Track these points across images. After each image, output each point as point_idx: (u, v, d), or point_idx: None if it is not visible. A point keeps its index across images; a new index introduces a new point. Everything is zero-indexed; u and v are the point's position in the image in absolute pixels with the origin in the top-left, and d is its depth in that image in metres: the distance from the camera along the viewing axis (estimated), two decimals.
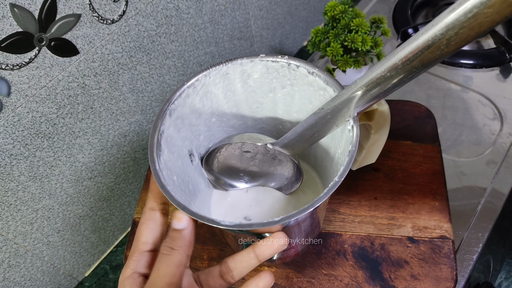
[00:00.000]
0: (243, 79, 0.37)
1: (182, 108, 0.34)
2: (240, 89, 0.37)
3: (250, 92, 0.38)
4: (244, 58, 0.35)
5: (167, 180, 0.30)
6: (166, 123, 0.33)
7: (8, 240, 0.45)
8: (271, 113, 0.40)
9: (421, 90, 0.66)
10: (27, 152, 0.42)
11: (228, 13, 0.58)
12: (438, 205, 0.45)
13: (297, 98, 0.37)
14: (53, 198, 0.48)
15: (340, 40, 0.53)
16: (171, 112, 0.33)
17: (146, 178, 0.51)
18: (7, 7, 0.34)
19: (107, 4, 0.42)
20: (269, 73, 0.36)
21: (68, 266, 0.55)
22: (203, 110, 0.37)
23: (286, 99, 0.38)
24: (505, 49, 0.67)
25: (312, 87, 0.35)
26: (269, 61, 0.35)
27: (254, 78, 0.37)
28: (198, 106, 0.36)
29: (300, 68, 0.35)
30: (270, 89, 0.38)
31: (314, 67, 0.34)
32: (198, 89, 0.35)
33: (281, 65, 0.35)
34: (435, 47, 0.22)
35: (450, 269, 0.41)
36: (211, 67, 0.35)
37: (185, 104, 0.35)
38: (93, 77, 0.45)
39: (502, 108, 0.61)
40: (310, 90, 0.36)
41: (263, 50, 0.70)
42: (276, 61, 0.35)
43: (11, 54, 0.36)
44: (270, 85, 0.37)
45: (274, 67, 0.35)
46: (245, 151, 0.38)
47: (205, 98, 0.36)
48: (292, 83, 0.36)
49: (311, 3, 0.74)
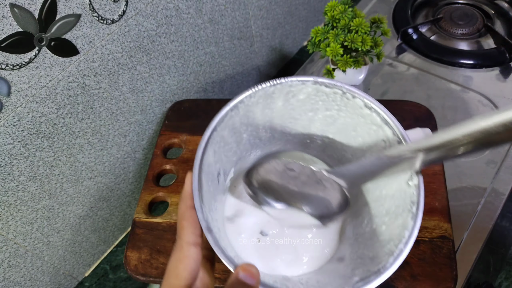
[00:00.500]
0: (287, 98, 0.34)
1: (223, 131, 0.31)
2: (280, 107, 0.34)
3: (289, 110, 0.35)
4: (295, 80, 0.32)
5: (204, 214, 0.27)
6: (208, 152, 0.30)
7: (8, 240, 0.45)
8: (303, 129, 0.37)
9: (421, 90, 0.66)
10: (27, 152, 0.42)
11: (228, 13, 0.58)
12: (438, 205, 0.45)
13: (340, 122, 0.34)
14: (53, 198, 0.48)
15: (340, 40, 0.53)
16: (213, 139, 0.30)
17: (146, 178, 0.51)
18: (7, 7, 0.34)
19: (107, 4, 0.42)
20: (317, 96, 0.33)
21: (68, 266, 0.55)
22: (239, 129, 0.34)
23: (326, 120, 0.35)
24: (505, 49, 0.67)
25: (364, 119, 0.32)
26: (322, 85, 0.32)
27: (299, 98, 0.34)
28: (236, 125, 0.33)
29: (356, 99, 0.31)
30: (312, 109, 0.35)
31: (374, 102, 0.31)
32: (240, 111, 0.32)
33: (334, 92, 0.32)
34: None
35: (450, 269, 0.41)
36: (256, 87, 0.32)
37: (226, 127, 0.32)
38: (93, 77, 0.45)
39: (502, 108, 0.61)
40: (360, 121, 0.33)
41: (263, 50, 0.70)
42: (331, 86, 0.32)
43: (11, 54, 0.36)
44: (314, 106, 0.34)
45: (325, 92, 0.32)
46: (289, 168, 0.34)
47: (244, 117, 0.33)
48: (339, 109, 0.33)
49: (311, 3, 0.74)
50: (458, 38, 0.72)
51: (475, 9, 0.76)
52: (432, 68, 0.68)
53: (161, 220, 0.48)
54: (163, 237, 0.47)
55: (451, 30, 0.73)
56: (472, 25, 0.72)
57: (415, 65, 0.69)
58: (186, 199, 0.27)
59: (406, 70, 0.69)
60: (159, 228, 0.47)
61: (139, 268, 0.45)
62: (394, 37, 0.73)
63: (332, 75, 0.59)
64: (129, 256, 0.46)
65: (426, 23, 0.74)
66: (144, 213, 0.49)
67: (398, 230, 0.28)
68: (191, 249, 0.26)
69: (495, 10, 0.75)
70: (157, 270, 0.44)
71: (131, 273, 0.45)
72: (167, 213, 0.48)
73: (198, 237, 0.26)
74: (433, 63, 0.69)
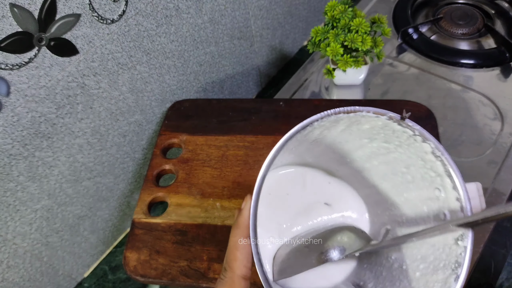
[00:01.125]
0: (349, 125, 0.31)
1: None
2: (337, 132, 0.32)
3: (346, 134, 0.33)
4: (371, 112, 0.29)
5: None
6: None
7: (7, 240, 0.45)
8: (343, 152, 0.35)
9: (422, 90, 0.66)
10: (26, 152, 0.42)
11: (228, 13, 0.58)
12: None
13: (391, 157, 0.33)
14: (52, 199, 0.47)
15: (340, 40, 0.53)
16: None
17: (146, 178, 0.51)
18: (7, 7, 0.34)
19: (107, 4, 0.42)
20: (383, 129, 0.31)
21: (67, 266, 0.54)
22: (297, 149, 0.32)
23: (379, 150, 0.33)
24: (506, 49, 0.67)
25: (423, 163, 0.31)
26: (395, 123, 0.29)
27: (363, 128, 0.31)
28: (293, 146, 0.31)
29: (424, 144, 0.30)
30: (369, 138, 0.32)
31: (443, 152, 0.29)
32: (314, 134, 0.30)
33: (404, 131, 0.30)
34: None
35: None
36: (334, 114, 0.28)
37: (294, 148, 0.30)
38: (93, 77, 0.44)
39: (502, 108, 0.61)
40: (416, 162, 0.31)
41: (263, 50, 0.70)
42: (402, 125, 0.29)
43: (10, 54, 0.36)
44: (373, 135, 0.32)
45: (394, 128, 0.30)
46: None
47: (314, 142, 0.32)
48: (400, 145, 0.31)
49: (311, 3, 0.74)
50: (459, 38, 0.72)
51: (475, 9, 0.76)
52: (433, 68, 0.68)
53: (161, 220, 0.48)
54: (163, 238, 0.46)
55: (451, 30, 0.72)
56: (472, 25, 0.72)
57: (415, 65, 0.69)
58: (242, 227, 0.26)
59: (407, 70, 0.69)
60: (159, 229, 0.47)
61: (138, 268, 0.45)
62: (394, 37, 0.73)
63: (332, 75, 0.58)
64: (128, 257, 0.46)
65: (426, 23, 0.74)
66: (143, 213, 0.48)
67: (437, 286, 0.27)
68: (243, 283, 0.25)
69: (495, 10, 0.75)
70: (156, 270, 0.44)
71: (130, 274, 0.45)
72: (166, 213, 0.48)
73: (249, 270, 0.25)
74: (434, 63, 0.69)
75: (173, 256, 0.45)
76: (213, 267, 0.44)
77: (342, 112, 0.28)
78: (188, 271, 0.44)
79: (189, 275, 0.44)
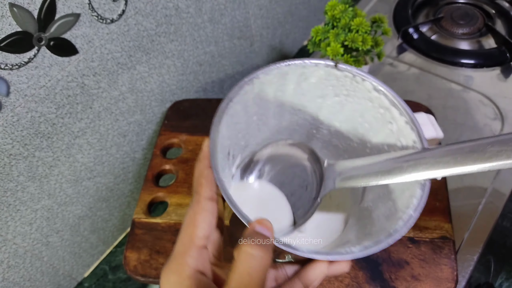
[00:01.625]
0: (299, 81, 0.35)
1: (236, 105, 0.32)
2: (291, 90, 0.35)
3: (299, 95, 0.36)
4: (308, 61, 0.33)
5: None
6: (223, 122, 0.31)
7: (7, 240, 0.45)
8: (310, 117, 0.38)
9: (422, 90, 0.65)
10: (26, 152, 0.42)
11: (228, 12, 0.58)
12: (439, 205, 0.45)
13: (347, 108, 0.35)
14: (52, 199, 0.47)
15: (341, 39, 0.53)
16: (228, 110, 0.31)
17: (146, 178, 0.51)
18: (6, 7, 0.34)
19: (106, 4, 0.42)
20: (328, 80, 0.34)
21: (68, 266, 0.55)
22: (251, 108, 0.35)
23: (334, 107, 0.36)
24: (506, 49, 0.67)
25: (371, 103, 0.33)
26: (334, 68, 0.33)
27: (310, 82, 0.35)
28: (248, 103, 0.34)
29: (366, 82, 0.32)
30: (322, 95, 0.36)
31: (382, 84, 0.32)
32: (255, 87, 0.33)
33: (345, 75, 0.33)
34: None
35: (451, 269, 0.41)
36: (271, 65, 0.33)
37: (240, 101, 0.32)
38: (92, 77, 0.44)
39: (503, 108, 0.61)
40: (367, 105, 0.33)
41: (263, 50, 0.70)
42: (341, 69, 0.33)
43: (10, 53, 0.36)
44: (324, 91, 0.35)
45: (336, 75, 0.33)
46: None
47: (257, 97, 0.34)
48: (348, 94, 0.34)
49: (311, 2, 0.74)
50: (459, 37, 0.72)
51: (476, 9, 0.75)
52: (433, 67, 0.68)
53: (161, 220, 0.48)
54: (163, 238, 0.46)
55: (452, 29, 0.72)
56: (473, 25, 0.72)
57: (415, 65, 0.69)
58: (204, 159, 0.29)
59: (407, 69, 0.69)
60: (159, 229, 0.47)
61: (139, 268, 0.45)
62: (394, 36, 0.73)
63: None
64: (129, 257, 0.46)
65: (427, 22, 0.74)
66: (143, 213, 0.48)
67: (406, 200, 0.28)
68: (209, 203, 0.27)
69: (495, 9, 0.75)
70: (156, 270, 0.44)
71: (130, 274, 0.45)
72: (166, 213, 0.48)
73: (214, 194, 0.28)
74: (434, 63, 0.69)
75: None
76: None
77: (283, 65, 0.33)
78: None
79: None
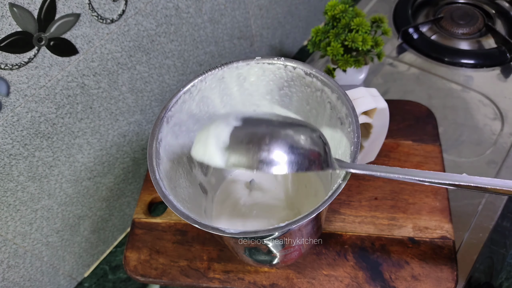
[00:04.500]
0: (239, 83, 0.36)
1: (179, 114, 0.34)
2: (237, 92, 0.37)
3: (246, 95, 0.38)
4: (240, 62, 0.35)
5: (168, 190, 0.30)
6: (164, 130, 0.33)
7: (7, 240, 0.45)
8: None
9: (422, 90, 0.65)
10: (26, 152, 0.42)
11: (228, 12, 0.58)
12: (439, 205, 0.45)
13: (295, 99, 0.37)
14: (52, 199, 0.47)
15: (341, 39, 0.53)
16: (168, 119, 0.33)
17: (146, 178, 0.51)
18: (6, 7, 0.34)
19: (106, 4, 0.42)
20: (265, 75, 0.36)
21: (68, 266, 0.55)
22: (200, 115, 0.36)
23: (284, 101, 0.38)
24: (506, 49, 0.67)
25: (309, 88, 0.35)
26: (265, 63, 0.35)
27: (251, 81, 0.36)
28: (195, 111, 0.36)
29: (297, 70, 0.34)
30: (267, 92, 0.37)
31: (311, 68, 0.34)
32: (194, 95, 0.35)
33: (278, 67, 0.35)
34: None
35: (451, 269, 0.41)
36: (206, 72, 0.34)
37: (181, 110, 0.34)
38: (92, 77, 0.44)
39: (503, 108, 0.61)
40: (307, 91, 0.35)
41: (263, 50, 0.70)
42: (272, 63, 0.35)
43: (10, 53, 0.36)
44: (267, 87, 0.37)
45: (271, 69, 0.35)
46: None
47: (201, 103, 0.36)
48: (289, 85, 0.36)
49: (312, 2, 0.74)
50: (459, 37, 0.72)
51: (476, 9, 0.75)
52: (433, 67, 0.68)
53: (161, 220, 0.48)
54: (163, 238, 0.46)
55: (452, 29, 0.72)
56: (472, 25, 0.72)
57: (415, 65, 0.69)
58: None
59: (407, 69, 0.69)
60: (159, 229, 0.47)
61: (139, 268, 0.45)
62: (394, 36, 0.73)
63: (332, 74, 0.58)
64: (129, 257, 0.46)
65: (427, 22, 0.74)
66: (143, 213, 0.48)
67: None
68: None
69: (496, 9, 0.75)
70: (156, 270, 0.44)
71: (130, 274, 0.45)
72: (166, 213, 0.48)
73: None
74: (434, 63, 0.69)
75: (173, 256, 0.45)
76: (213, 267, 0.44)
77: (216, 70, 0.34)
78: (188, 271, 0.44)
79: (189, 275, 0.44)
